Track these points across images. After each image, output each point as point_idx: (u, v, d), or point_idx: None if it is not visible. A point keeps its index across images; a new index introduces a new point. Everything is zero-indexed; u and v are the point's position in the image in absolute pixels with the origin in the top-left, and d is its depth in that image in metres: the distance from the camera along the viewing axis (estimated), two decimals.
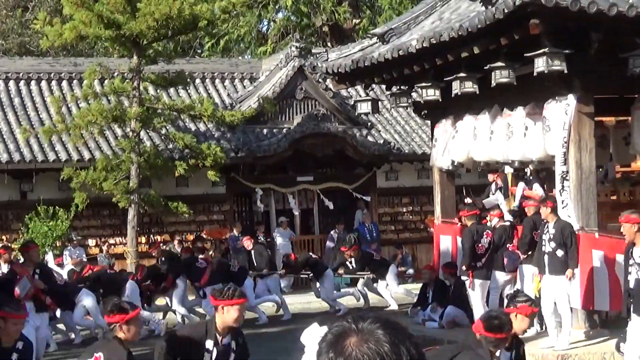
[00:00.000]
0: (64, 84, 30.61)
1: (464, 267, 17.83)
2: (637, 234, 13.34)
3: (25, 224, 26.21)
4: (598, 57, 15.97)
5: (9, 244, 23.57)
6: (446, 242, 20.27)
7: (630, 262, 13.48)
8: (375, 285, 23.77)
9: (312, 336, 2.23)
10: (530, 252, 17.12)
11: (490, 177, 24.03)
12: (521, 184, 21.49)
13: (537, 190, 20.73)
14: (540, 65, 15.40)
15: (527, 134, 17.20)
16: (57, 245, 25.73)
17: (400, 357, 2.41)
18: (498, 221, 18.89)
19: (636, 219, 13.31)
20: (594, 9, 14.71)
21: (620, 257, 16.23)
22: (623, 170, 22.20)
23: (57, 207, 26.48)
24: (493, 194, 23.31)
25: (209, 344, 9.08)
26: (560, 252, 15.75)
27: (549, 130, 16.48)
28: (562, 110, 16.24)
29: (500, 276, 18.04)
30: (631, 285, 13.33)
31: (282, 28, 43.64)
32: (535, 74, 15.54)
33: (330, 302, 22.90)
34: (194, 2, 26.34)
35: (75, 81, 30.45)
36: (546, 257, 15.91)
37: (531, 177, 21.68)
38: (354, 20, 41.98)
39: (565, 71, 15.33)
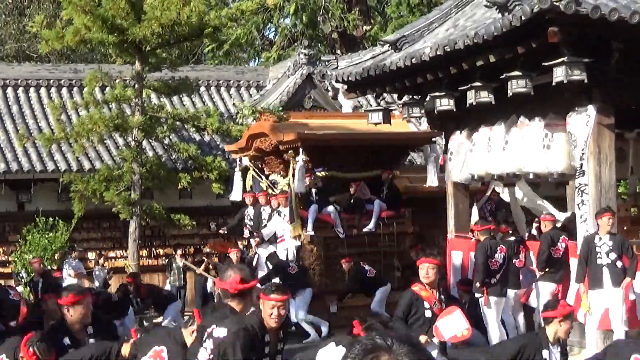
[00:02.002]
0: (64, 91, 30.74)
1: (477, 284, 17.77)
2: None
3: (23, 235, 26.25)
4: (619, 66, 15.96)
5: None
6: (458, 258, 20.22)
7: None
8: None
9: (330, 356, 2.22)
10: (547, 269, 17.19)
11: (248, 199, 23.09)
12: (314, 207, 21.09)
13: (331, 213, 21.06)
14: (560, 74, 15.37)
15: (547, 145, 17.15)
16: (56, 258, 25.75)
17: None
18: (503, 236, 18.93)
19: None
20: (615, 17, 14.71)
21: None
22: None
23: (56, 219, 26.54)
24: (269, 220, 22.06)
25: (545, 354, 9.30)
26: (620, 264, 15.73)
27: (577, 145, 16.41)
28: (583, 121, 16.22)
29: (510, 293, 18.09)
30: None
31: (289, 34, 43.77)
32: (554, 83, 15.54)
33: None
34: (202, 9, 26.42)
35: (75, 88, 30.59)
36: (605, 269, 15.80)
37: (317, 199, 21.42)
38: (364, 27, 42.06)
39: (586, 81, 15.35)
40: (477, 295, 17.82)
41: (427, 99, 20.09)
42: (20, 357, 9.40)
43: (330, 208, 21.03)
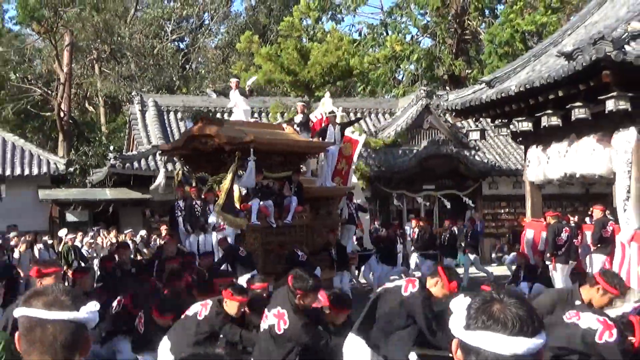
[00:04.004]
0: (255, 115, 31.21)
1: (548, 254, 17.68)
2: None
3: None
4: None
5: None
6: (532, 235, 19.95)
7: None
8: None
9: (460, 303, 2.30)
10: (599, 245, 16.93)
11: (178, 193, 18.76)
12: (256, 200, 17.52)
13: (268, 207, 17.71)
14: (610, 105, 15.15)
15: (597, 156, 16.88)
16: None
17: (533, 321, 2.49)
18: (567, 222, 18.69)
19: None
20: None
21: None
22: None
23: None
24: (203, 212, 17.94)
25: None
26: None
27: (617, 154, 16.13)
28: (626, 139, 15.91)
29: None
30: None
31: (413, 76, 43.74)
32: (606, 111, 15.30)
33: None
34: (351, 55, 26.63)
35: (263, 114, 31.01)
36: None
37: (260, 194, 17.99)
38: (467, 71, 41.74)
39: (629, 109, 15.07)
40: (547, 262, 17.65)
41: (512, 122, 19.92)
42: None
43: (269, 202, 17.77)
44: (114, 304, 11.22)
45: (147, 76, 46.28)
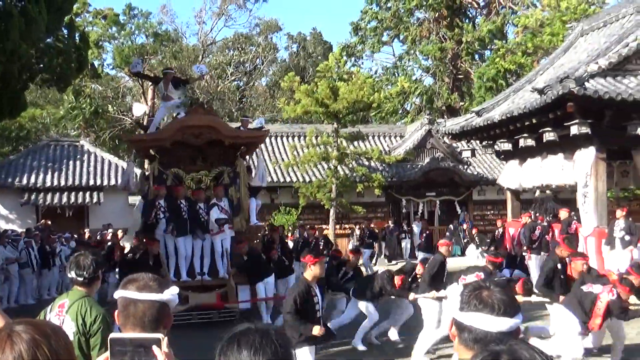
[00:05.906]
0: (296, 139, 31.25)
1: (525, 247, 17.46)
2: None
3: (273, 216, 26.80)
4: (609, 124, 15.44)
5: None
6: (512, 232, 19.77)
7: None
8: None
9: (454, 291, 2.24)
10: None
11: (159, 191, 13.08)
12: (253, 200, 14.40)
13: (257, 206, 14.99)
14: (574, 130, 15.06)
15: (563, 169, 16.74)
16: (290, 229, 26.18)
17: (513, 304, 2.47)
18: (540, 221, 18.45)
19: None
20: (607, 97, 14.32)
21: None
22: None
23: (290, 208, 26.99)
24: (202, 213, 13.04)
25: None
26: (627, 237, 15.22)
27: (578, 168, 16.00)
28: (585, 156, 15.77)
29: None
30: None
31: (418, 106, 43.54)
32: (570, 135, 15.18)
33: None
34: (370, 93, 26.63)
35: (301, 137, 31.06)
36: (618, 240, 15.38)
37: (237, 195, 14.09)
38: (460, 103, 41.49)
39: (589, 133, 14.94)
40: (524, 254, 17.47)
41: (496, 143, 19.78)
42: None
43: (259, 202, 15.02)
44: None
45: (213, 108, 46.45)
